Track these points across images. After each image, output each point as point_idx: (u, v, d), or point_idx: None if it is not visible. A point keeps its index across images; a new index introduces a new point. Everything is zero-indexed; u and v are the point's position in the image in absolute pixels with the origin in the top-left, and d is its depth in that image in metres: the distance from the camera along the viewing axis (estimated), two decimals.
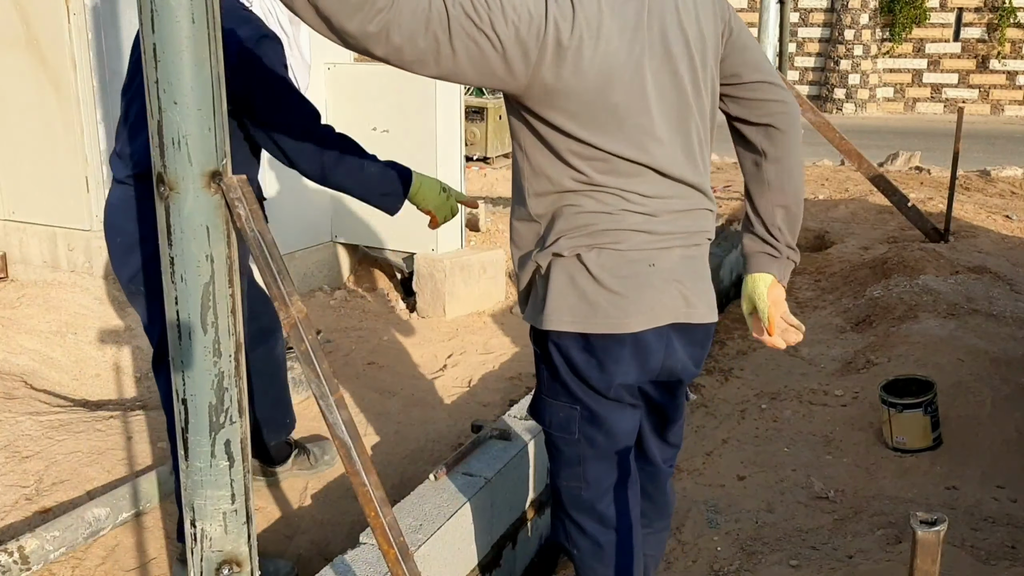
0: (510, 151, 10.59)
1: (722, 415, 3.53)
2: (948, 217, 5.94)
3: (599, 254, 1.65)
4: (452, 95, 4.41)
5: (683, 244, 1.71)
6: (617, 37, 1.53)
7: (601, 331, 1.66)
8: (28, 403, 3.20)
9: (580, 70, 1.51)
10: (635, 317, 1.66)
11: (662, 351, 1.72)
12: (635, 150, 1.60)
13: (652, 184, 1.65)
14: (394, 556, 1.44)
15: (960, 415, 3.39)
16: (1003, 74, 18.22)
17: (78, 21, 4.25)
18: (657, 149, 1.62)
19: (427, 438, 3.22)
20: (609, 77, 1.54)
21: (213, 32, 1.20)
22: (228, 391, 1.30)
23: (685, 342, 1.75)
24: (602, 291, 1.65)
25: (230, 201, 1.24)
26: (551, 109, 1.57)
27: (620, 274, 1.65)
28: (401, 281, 4.71)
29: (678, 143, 1.66)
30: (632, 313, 1.66)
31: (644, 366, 1.71)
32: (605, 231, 1.64)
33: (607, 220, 1.64)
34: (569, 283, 1.67)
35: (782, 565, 2.53)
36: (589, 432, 1.78)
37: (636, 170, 1.63)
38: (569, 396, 1.76)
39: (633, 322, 1.66)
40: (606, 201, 1.63)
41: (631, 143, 1.60)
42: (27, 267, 4.66)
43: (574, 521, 1.87)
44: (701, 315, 1.73)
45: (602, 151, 1.59)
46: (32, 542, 2.34)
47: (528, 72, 1.50)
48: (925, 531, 1.02)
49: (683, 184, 1.68)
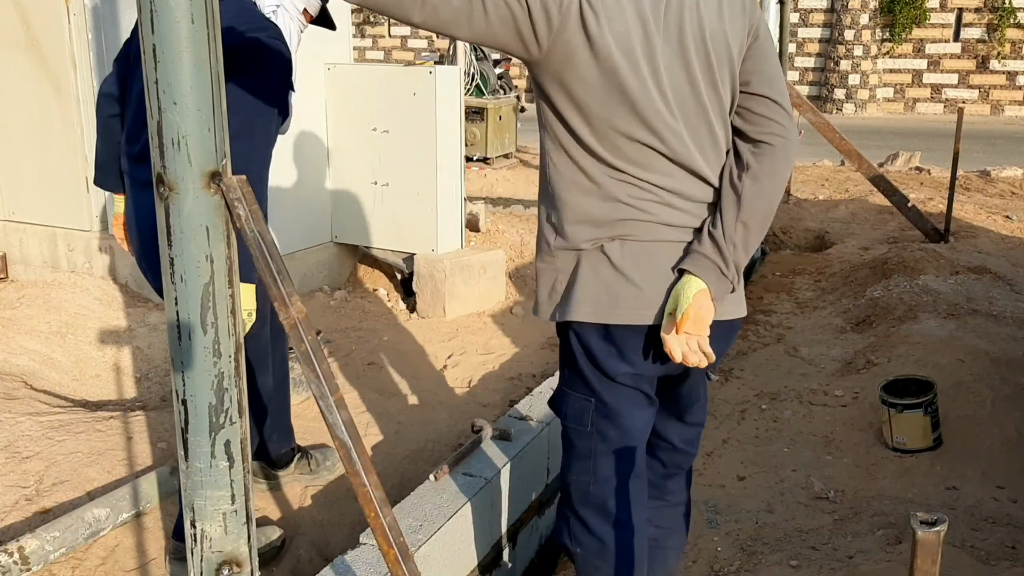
0: (510, 151, 10.53)
1: (722, 415, 3.53)
2: (948, 217, 5.94)
3: (621, 245, 1.69)
4: (452, 95, 4.41)
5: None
6: (632, 22, 1.59)
7: (622, 322, 1.71)
8: (28, 403, 3.20)
9: (595, 44, 1.57)
10: (654, 309, 1.69)
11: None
12: (648, 134, 1.64)
13: (668, 175, 1.68)
14: (394, 557, 1.44)
15: (960, 415, 3.39)
16: (1003, 74, 18.22)
17: (78, 21, 4.25)
18: (671, 137, 1.65)
19: (427, 438, 3.21)
20: (622, 57, 1.59)
21: (213, 32, 1.20)
22: (228, 391, 1.30)
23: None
24: (623, 282, 1.69)
25: (230, 201, 1.24)
26: (568, 84, 1.63)
27: (641, 265, 1.69)
28: (401, 281, 4.71)
29: (692, 135, 1.69)
30: (651, 305, 1.69)
31: (662, 357, 1.73)
32: (624, 221, 1.68)
33: (626, 211, 1.68)
34: (592, 275, 1.72)
35: (782, 565, 2.53)
36: (602, 426, 1.82)
37: (650, 157, 1.66)
38: (585, 387, 1.81)
39: (653, 314, 1.70)
40: (625, 191, 1.68)
41: (644, 126, 1.63)
42: (27, 267, 4.66)
43: (580, 518, 1.89)
44: (721, 311, 1.73)
45: (616, 131, 1.64)
46: (32, 542, 2.34)
47: (549, 38, 1.58)
48: (925, 531, 1.02)
49: (699, 178, 1.71)
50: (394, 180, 4.51)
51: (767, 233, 6.00)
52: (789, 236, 6.62)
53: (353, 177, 4.56)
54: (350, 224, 4.66)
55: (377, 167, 4.53)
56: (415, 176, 4.45)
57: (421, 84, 4.32)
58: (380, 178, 4.54)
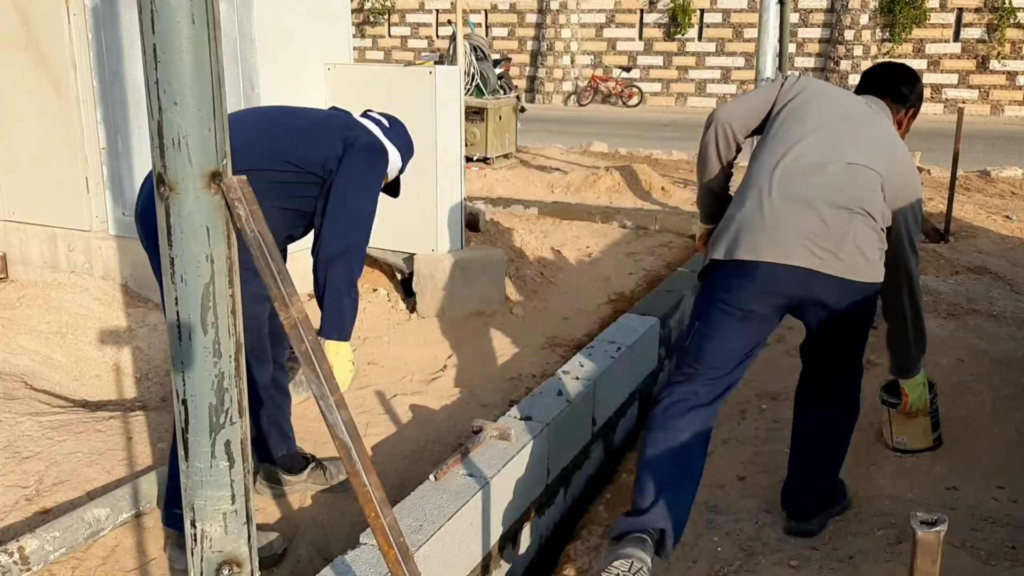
0: (510, 151, 10.52)
1: (722, 415, 3.52)
2: (948, 217, 5.94)
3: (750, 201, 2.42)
4: (452, 95, 4.41)
5: (824, 206, 2.33)
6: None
7: (742, 257, 2.36)
8: (28, 403, 3.20)
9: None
10: (768, 252, 2.34)
11: (794, 284, 2.36)
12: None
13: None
14: (394, 557, 1.43)
15: (960, 415, 3.39)
16: (1003, 74, 18.23)
17: (78, 21, 4.25)
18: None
19: (427, 438, 3.21)
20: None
21: (213, 32, 1.20)
22: (228, 391, 1.30)
23: (818, 286, 2.36)
24: (748, 230, 2.38)
25: (230, 201, 1.24)
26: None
27: (764, 219, 2.36)
28: (401, 281, 4.71)
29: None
30: (765, 252, 2.35)
31: (775, 290, 2.38)
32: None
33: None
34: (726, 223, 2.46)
35: (782, 566, 2.53)
36: (703, 330, 2.50)
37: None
38: (706, 300, 2.50)
39: (769, 255, 2.34)
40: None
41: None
42: (27, 267, 4.66)
43: (670, 382, 2.58)
44: (831, 267, 2.32)
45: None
46: (32, 542, 2.34)
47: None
48: (925, 531, 1.02)
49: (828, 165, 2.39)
50: None
51: None
52: None
53: None
54: None
55: None
56: (415, 176, 4.45)
57: (421, 84, 4.32)
58: None
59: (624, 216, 6.64)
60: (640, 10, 21.66)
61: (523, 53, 22.93)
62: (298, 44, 4.28)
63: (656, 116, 18.96)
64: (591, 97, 21.60)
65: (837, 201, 2.33)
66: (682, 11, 20.90)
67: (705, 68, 21.33)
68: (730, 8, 20.79)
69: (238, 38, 4.02)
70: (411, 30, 24.36)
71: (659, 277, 5.24)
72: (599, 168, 8.55)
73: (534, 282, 4.95)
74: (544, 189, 8.13)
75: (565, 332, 4.35)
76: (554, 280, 5.07)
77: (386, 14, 24.39)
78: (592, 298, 4.88)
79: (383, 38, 24.67)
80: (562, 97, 22.38)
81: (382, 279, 4.79)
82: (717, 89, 21.30)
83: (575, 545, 2.74)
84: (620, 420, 3.60)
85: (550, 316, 4.57)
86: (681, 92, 21.63)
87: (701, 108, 21.32)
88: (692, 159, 10.74)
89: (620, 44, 22.09)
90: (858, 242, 2.34)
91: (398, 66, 4.62)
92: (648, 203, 7.48)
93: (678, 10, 20.97)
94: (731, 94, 21.18)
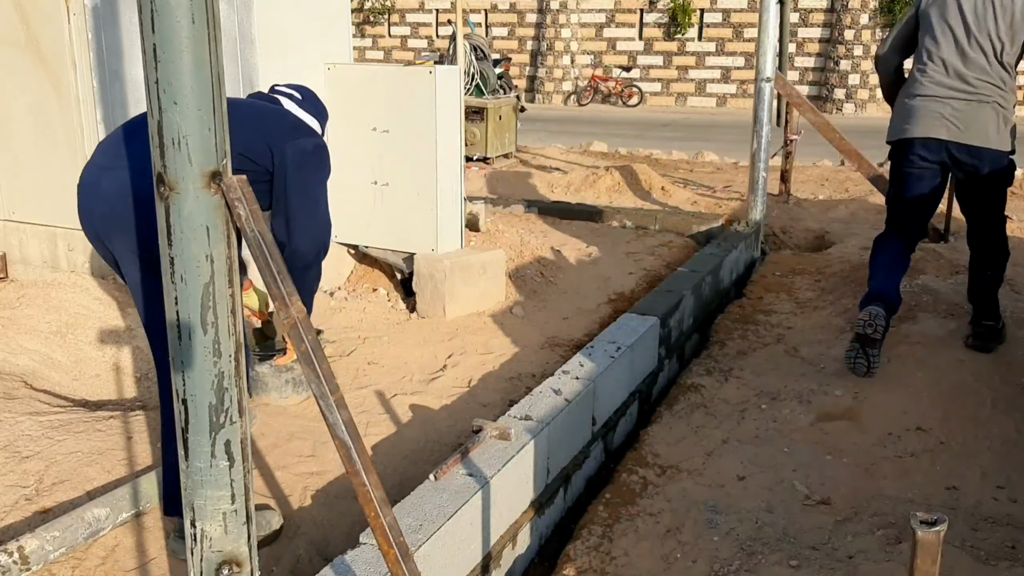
0: (510, 151, 10.56)
1: (722, 415, 3.53)
2: (948, 217, 5.94)
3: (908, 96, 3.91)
4: (452, 95, 4.42)
5: (958, 98, 3.74)
6: None
7: (903, 136, 3.88)
8: (28, 403, 3.20)
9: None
10: (916, 129, 3.83)
11: (940, 152, 3.78)
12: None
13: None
14: (394, 556, 1.44)
15: (960, 415, 3.39)
16: None
17: (78, 21, 4.25)
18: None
19: (427, 438, 3.21)
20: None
21: (213, 32, 1.20)
22: (228, 391, 1.30)
23: (957, 151, 3.76)
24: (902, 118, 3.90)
25: (230, 201, 1.24)
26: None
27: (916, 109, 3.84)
28: (401, 281, 4.71)
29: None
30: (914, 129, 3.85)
31: (927, 155, 3.82)
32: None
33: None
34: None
35: (782, 565, 2.53)
36: (896, 188, 3.99)
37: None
38: (896, 160, 3.98)
39: (917, 132, 3.82)
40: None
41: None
42: (27, 267, 4.66)
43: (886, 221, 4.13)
44: (966, 137, 3.71)
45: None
46: (32, 542, 2.34)
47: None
48: (925, 531, 1.02)
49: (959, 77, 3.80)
50: (394, 180, 4.51)
51: (767, 232, 6.35)
52: (789, 236, 6.63)
53: (353, 177, 4.55)
54: (350, 224, 4.66)
55: (377, 167, 4.53)
56: (415, 176, 4.45)
57: (421, 84, 4.32)
58: (380, 178, 4.54)
59: (624, 216, 6.64)
60: (640, 10, 21.67)
61: (523, 53, 22.94)
62: (298, 44, 4.28)
63: (656, 116, 18.96)
64: (591, 97, 21.61)
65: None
66: (682, 11, 20.91)
67: (705, 68, 21.34)
68: (730, 8, 20.79)
69: (238, 38, 4.02)
70: (411, 30, 24.37)
71: (659, 277, 5.24)
72: (599, 168, 8.55)
73: (534, 282, 4.96)
74: (544, 189, 8.13)
75: (565, 332, 4.35)
76: (554, 280, 5.07)
77: (386, 14, 24.40)
78: (592, 298, 4.89)
79: (383, 38, 24.68)
80: (562, 97, 22.39)
81: (382, 279, 4.79)
82: (717, 89, 21.31)
83: (575, 545, 2.74)
84: (620, 420, 3.60)
85: (550, 316, 4.57)
86: (681, 92, 21.63)
87: (701, 108, 21.33)
88: (692, 159, 10.74)
89: (620, 44, 22.10)
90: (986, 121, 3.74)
91: (398, 66, 4.62)
92: (648, 203, 7.48)
93: (678, 10, 20.98)
94: (731, 94, 21.20)
